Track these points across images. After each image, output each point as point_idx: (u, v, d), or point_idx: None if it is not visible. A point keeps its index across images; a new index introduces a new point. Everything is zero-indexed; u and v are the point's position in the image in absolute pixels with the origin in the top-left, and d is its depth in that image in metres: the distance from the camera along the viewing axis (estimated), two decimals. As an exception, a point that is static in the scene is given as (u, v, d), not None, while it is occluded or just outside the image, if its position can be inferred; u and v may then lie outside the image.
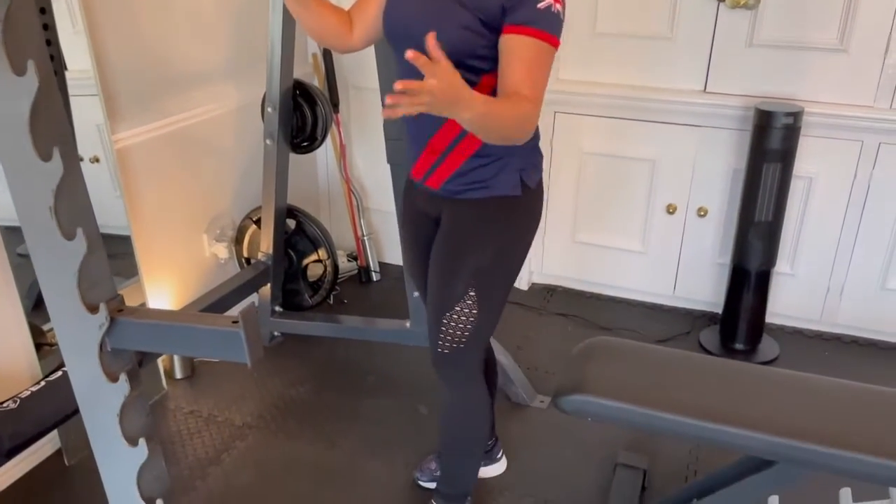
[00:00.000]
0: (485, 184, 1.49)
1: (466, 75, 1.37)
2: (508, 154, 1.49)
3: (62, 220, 1.12)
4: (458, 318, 1.55)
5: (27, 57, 1.03)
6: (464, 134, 1.45)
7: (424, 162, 1.54)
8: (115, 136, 2.13)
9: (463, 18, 1.33)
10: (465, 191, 1.51)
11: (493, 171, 1.49)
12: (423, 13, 1.39)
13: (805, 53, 2.42)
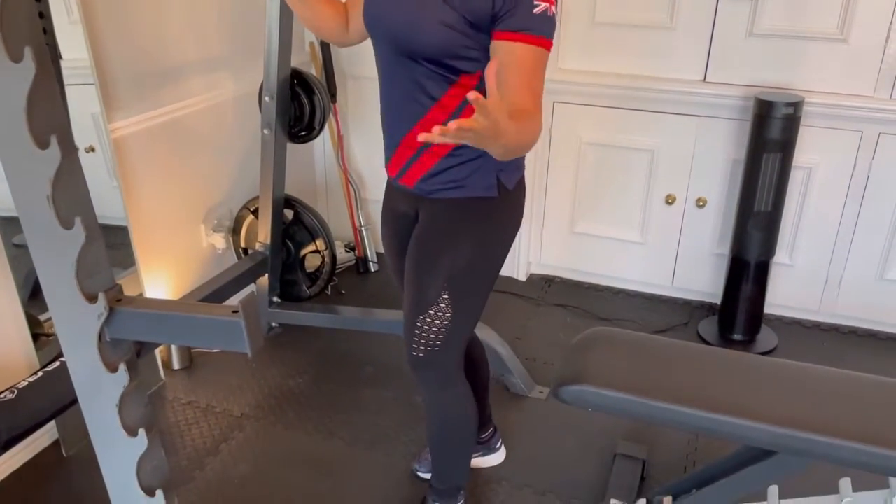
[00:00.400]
0: (459, 183, 1.46)
1: (444, 74, 1.36)
2: (485, 154, 1.41)
3: (60, 210, 1.10)
4: (431, 322, 1.52)
5: (24, 43, 1.02)
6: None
7: (399, 158, 1.51)
8: (112, 125, 2.11)
9: (446, 16, 1.29)
10: (439, 190, 1.47)
11: (468, 170, 1.45)
12: (402, 7, 1.35)
13: (805, 43, 2.41)
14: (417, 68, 1.37)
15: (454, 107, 1.39)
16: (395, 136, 1.48)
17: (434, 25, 1.30)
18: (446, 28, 1.29)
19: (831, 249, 2.59)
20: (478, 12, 1.28)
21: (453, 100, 1.38)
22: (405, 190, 1.53)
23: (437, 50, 1.32)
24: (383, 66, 1.47)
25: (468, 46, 1.31)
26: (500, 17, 1.26)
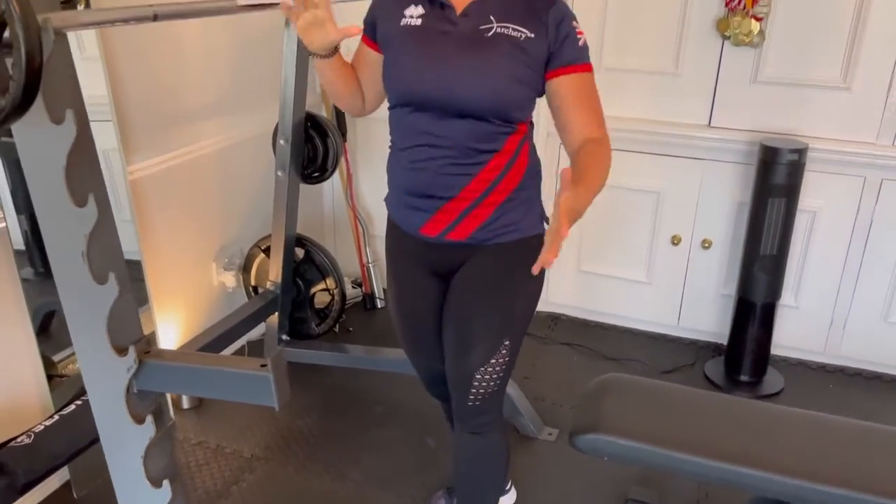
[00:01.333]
0: (516, 226, 1.49)
1: (505, 126, 1.40)
2: (532, 194, 1.51)
3: (94, 265, 1.13)
4: (492, 371, 1.51)
5: (66, 106, 1.05)
6: (495, 183, 1.44)
7: (444, 216, 1.47)
8: (130, 167, 2.14)
9: (517, 71, 1.34)
10: (497, 236, 1.48)
11: (521, 211, 1.49)
12: (463, 70, 1.35)
13: (809, 91, 2.46)
14: (479, 125, 1.38)
15: (512, 151, 1.44)
16: (442, 196, 1.45)
17: (510, 84, 1.35)
18: (520, 84, 1.36)
19: (836, 292, 2.62)
20: (539, 58, 1.35)
21: (511, 146, 1.43)
22: (451, 244, 1.50)
23: (510, 106, 1.37)
24: (422, 129, 1.43)
25: (530, 97, 1.39)
26: (554, 57, 1.35)
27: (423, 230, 1.51)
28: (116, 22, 1.12)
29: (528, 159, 1.49)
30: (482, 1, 1.37)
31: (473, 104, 1.37)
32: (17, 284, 1.87)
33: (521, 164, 1.48)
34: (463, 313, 1.53)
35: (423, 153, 1.44)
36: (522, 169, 1.48)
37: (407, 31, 1.42)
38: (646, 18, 2.60)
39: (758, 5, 2.37)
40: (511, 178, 1.46)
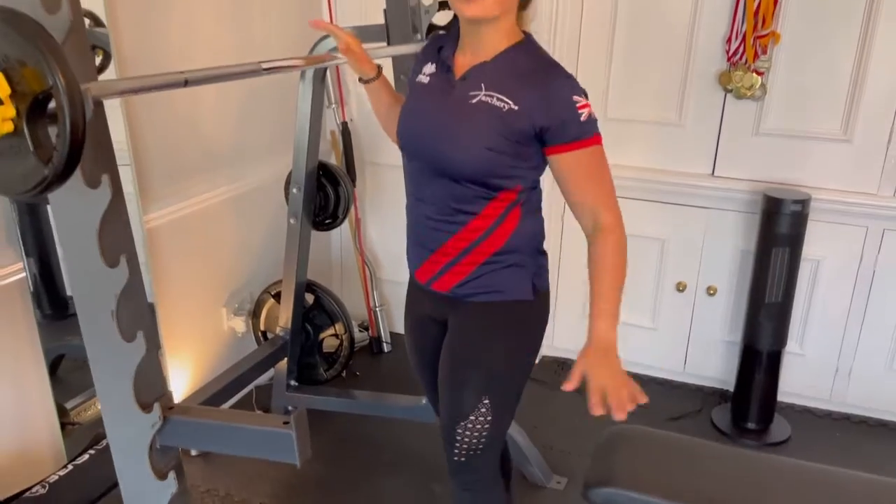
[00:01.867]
0: (498, 287, 1.49)
1: (484, 193, 1.41)
2: (520, 260, 1.49)
3: (123, 323, 1.16)
4: (472, 427, 1.53)
5: (102, 171, 1.09)
6: (475, 244, 1.46)
7: (432, 265, 1.52)
8: (147, 216, 2.18)
9: (492, 141, 1.35)
10: (477, 294, 1.50)
11: (507, 275, 1.48)
12: (443, 130, 1.40)
13: (810, 142, 2.52)
14: (456, 187, 1.41)
15: (495, 216, 1.44)
16: (428, 247, 1.51)
17: (480, 151, 1.36)
18: (493, 153, 1.36)
19: (840, 340, 2.64)
20: (522, 133, 1.35)
21: (494, 211, 1.43)
22: (437, 294, 1.54)
23: (482, 173, 1.38)
24: (415, 180, 1.51)
25: (512, 166, 1.39)
26: (554, 134, 1.34)
27: (417, 274, 1.58)
28: (150, 89, 1.16)
29: (516, 225, 1.47)
30: (480, 67, 1.40)
31: (451, 168, 1.40)
32: (34, 332, 1.90)
33: (507, 229, 1.46)
34: (445, 370, 1.57)
35: (417, 204, 1.53)
36: (507, 234, 1.46)
37: (418, 86, 1.51)
38: (649, 70, 2.67)
39: (759, 60, 2.44)
40: (493, 242, 1.46)
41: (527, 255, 1.50)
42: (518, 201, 1.45)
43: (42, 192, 0.97)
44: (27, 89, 0.93)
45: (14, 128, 0.94)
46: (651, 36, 2.63)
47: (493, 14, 1.33)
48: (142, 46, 2.11)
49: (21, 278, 1.83)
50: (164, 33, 2.20)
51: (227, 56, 2.44)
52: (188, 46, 2.28)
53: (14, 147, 0.95)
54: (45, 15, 1.00)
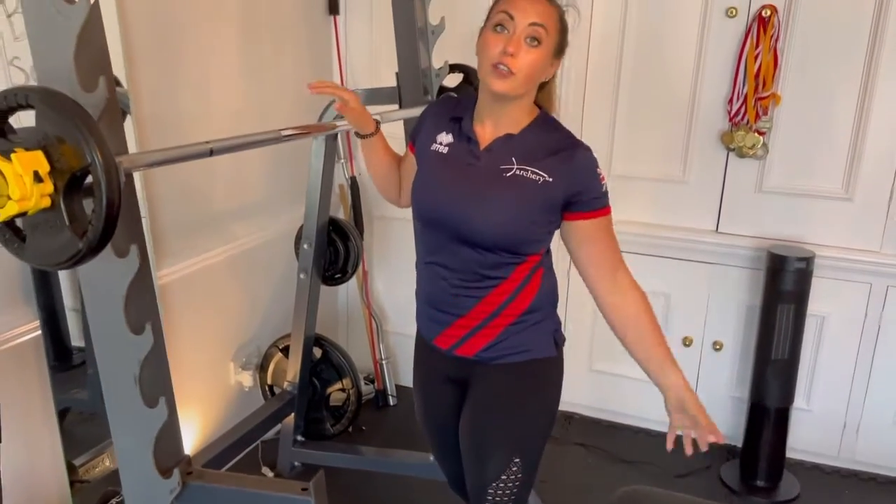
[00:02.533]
0: (525, 347, 1.52)
1: (512, 258, 1.45)
2: (543, 317, 1.54)
3: (145, 389, 1.17)
4: (504, 487, 1.54)
5: (131, 241, 1.12)
6: (502, 307, 1.49)
7: (454, 331, 1.53)
8: (160, 272, 2.21)
9: (529, 211, 1.41)
10: (503, 356, 1.52)
11: (531, 334, 1.52)
12: (471, 201, 1.43)
13: (813, 200, 2.56)
14: (484, 254, 1.44)
15: (521, 279, 1.48)
16: (452, 313, 1.51)
17: (518, 222, 1.41)
18: (530, 223, 1.42)
19: (847, 396, 2.64)
20: (555, 202, 1.41)
21: (520, 274, 1.47)
22: (460, 359, 1.55)
23: (517, 242, 1.43)
24: (434, 248, 1.52)
25: (543, 232, 1.45)
26: (577, 203, 1.41)
27: (436, 342, 1.58)
28: (178, 160, 1.20)
29: (539, 284, 1.52)
30: (506, 140, 1.44)
31: (484, 238, 1.43)
32: (47, 390, 1.91)
33: (532, 289, 1.51)
34: (473, 432, 1.58)
35: (436, 271, 1.53)
36: (532, 294, 1.51)
37: (434, 156, 1.53)
38: (653, 129, 2.73)
39: (760, 120, 2.50)
40: (520, 303, 1.50)
41: (548, 312, 1.56)
42: (542, 262, 1.51)
43: (75, 264, 0.99)
44: (66, 166, 0.96)
45: (51, 202, 0.97)
46: (654, 95, 2.70)
47: (519, 93, 1.39)
48: (159, 106, 2.17)
49: (36, 336, 1.84)
50: (181, 94, 2.25)
51: (241, 115, 2.50)
52: (204, 107, 2.34)
53: (50, 221, 0.98)
54: (83, 93, 1.05)
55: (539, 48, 1.38)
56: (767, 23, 2.42)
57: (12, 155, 0.92)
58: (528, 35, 1.36)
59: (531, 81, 1.40)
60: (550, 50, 1.40)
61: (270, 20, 2.62)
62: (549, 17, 1.39)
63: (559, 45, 1.43)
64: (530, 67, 1.37)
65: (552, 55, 1.42)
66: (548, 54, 1.40)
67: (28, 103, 0.96)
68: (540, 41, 1.37)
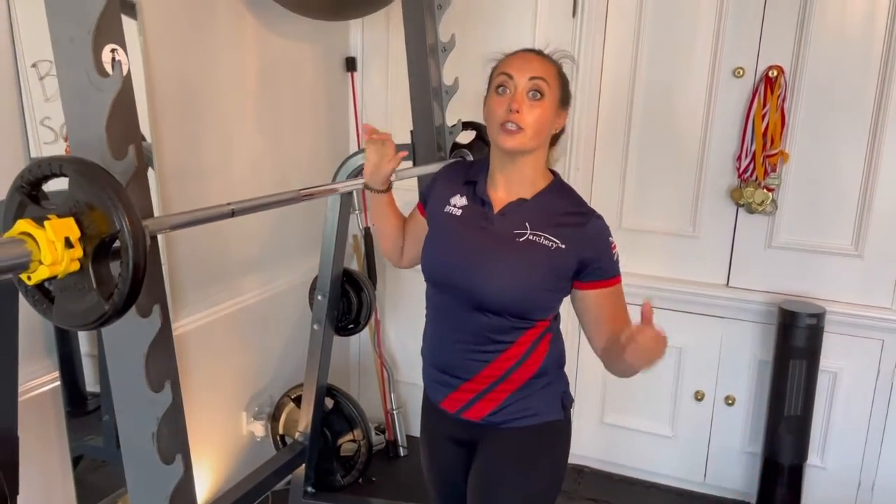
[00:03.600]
0: (533, 411, 1.52)
1: (521, 323, 1.46)
2: (550, 381, 1.54)
3: (162, 446, 1.20)
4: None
5: (154, 302, 1.16)
6: (510, 372, 1.49)
7: (459, 396, 1.54)
8: (176, 323, 2.24)
9: (541, 277, 1.42)
10: (512, 420, 1.51)
11: (539, 398, 1.52)
12: (484, 266, 1.44)
13: (822, 257, 2.57)
14: (494, 318, 1.45)
15: (529, 343, 1.48)
16: (459, 376, 1.51)
17: (530, 287, 1.42)
18: (542, 289, 1.43)
19: (862, 453, 2.62)
20: (568, 269, 1.43)
21: (529, 339, 1.48)
22: (468, 422, 1.55)
23: (527, 308, 1.44)
24: (444, 311, 1.54)
25: (553, 299, 1.47)
26: (590, 270, 1.43)
27: (443, 405, 1.58)
28: (201, 222, 1.25)
29: (547, 349, 1.53)
30: (519, 204, 1.47)
31: (494, 303, 1.44)
32: (64, 441, 1.93)
33: (540, 354, 1.51)
34: (482, 496, 1.56)
35: (445, 333, 1.54)
36: (540, 359, 1.52)
37: (448, 218, 1.55)
38: (663, 183, 2.77)
39: (769, 177, 2.54)
40: (527, 368, 1.50)
41: (555, 375, 1.56)
42: (550, 328, 1.52)
43: (101, 325, 1.03)
44: (95, 232, 1.00)
45: (80, 266, 1.01)
46: (664, 151, 2.74)
47: (529, 147, 1.42)
48: (181, 160, 2.23)
49: (55, 387, 1.88)
50: (203, 148, 2.32)
51: (260, 169, 2.57)
52: (224, 160, 2.41)
53: (78, 284, 1.02)
54: (113, 161, 1.10)
55: (542, 101, 1.41)
56: (774, 83, 2.48)
57: (46, 222, 0.96)
58: (529, 90, 1.41)
59: (540, 135, 1.43)
60: (555, 101, 1.44)
61: (290, 77, 2.71)
62: (548, 70, 1.43)
63: (563, 96, 1.46)
64: (537, 121, 1.41)
65: (557, 106, 1.45)
66: (552, 106, 1.43)
67: (62, 172, 1.01)
68: (542, 94, 1.41)
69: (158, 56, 2.09)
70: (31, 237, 0.96)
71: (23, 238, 0.96)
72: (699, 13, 2.59)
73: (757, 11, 2.50)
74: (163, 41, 2.10)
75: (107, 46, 1.10)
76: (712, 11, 2.56)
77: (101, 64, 1.09)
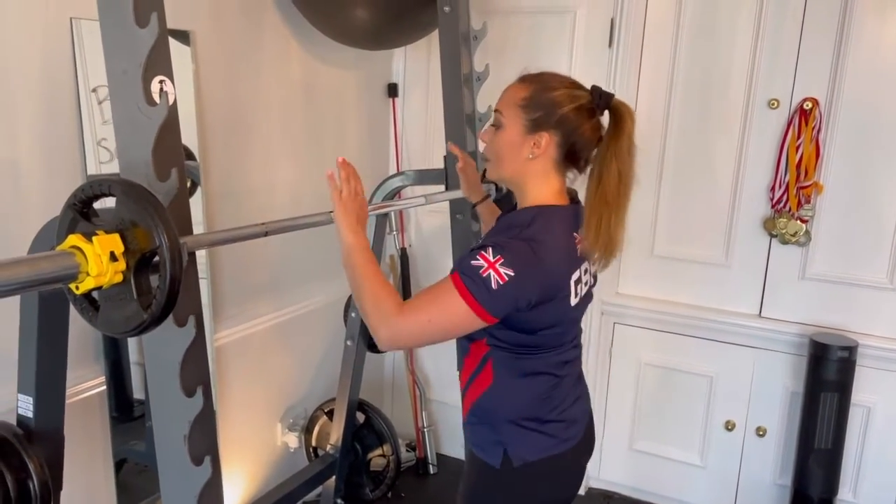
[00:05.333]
0: (474, 443, 1.52)
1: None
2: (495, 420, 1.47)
3: (192, 448, 1.28)
4: None
5: (189, 312, 1.25)
6: (465, 388, 1.50)
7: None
8: (217, 335, 2.35)
9: None
10: (467, 440, 1.55)
11: (479, 433, 1.50)
12: None
13: (857, 289, 2.55)
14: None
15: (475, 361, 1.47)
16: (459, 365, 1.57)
17: None
18: None
19: None
20: None
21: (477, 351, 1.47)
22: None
23: None
24: None
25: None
26: None
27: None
28: (236, 240, 1.34)
29: (491, 380, 1.46)
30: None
31: None
32: (107, 443, 2.04)
33: (483, 381, 1.47)
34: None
35: None
36: (483, 387, 1.47)
37: None
38: (696, 212, 2.79)
39: (802, 209, 2.54)
40: (474, 390, 1.49)
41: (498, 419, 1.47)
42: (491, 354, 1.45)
43: (140, 333, 1.12)
44: (137, 247, 1.10)
45: (123, 278, 1.11)
46: (698, 181, 2.76)
47: (500, 174, 1.49)
48: (227, 181, 2.35)
49: (101, 391, 1.99)
50: (247, 170, 2.44)
51: (302, 191, 2.68)
52: (268, 182, 2.53)
53: (121, 294, 1.12)
54: (158, 182, 1.20)
55: (501, 130, 1.46)
56: (809, 115, 2.49)
57: (94, 237, 1.06)
58: (492, 122, 1.49)
59: (503, 163, 1.46)
60: (517, 129, 1.42)
61: (333, 102, 2.82)
62: (507, 99, 1.46)
63: (529, 122, 1.42)
64: (495, 151, 1.47)
65: (523, 132, 1.42)
66: (513, 134, 1.43)
67: (110, 192, 1.11)
68: (498, 125, 1.46)
69: (208, 81, 2.22)
70: (80, 250, 1.05)
71: (72, 251, 1.06)
72: (735, 45, 2.62)
73: (792, 45, 2.52)
74: (213, 67, 2.23)
75: (156, 78, 1.20)
76: (748, 44, 2.59)
77: (149, 94, 1.19)
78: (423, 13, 2.31)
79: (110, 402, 2.09)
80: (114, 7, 1.17)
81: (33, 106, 1.76)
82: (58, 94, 1.80)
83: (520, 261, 1.31)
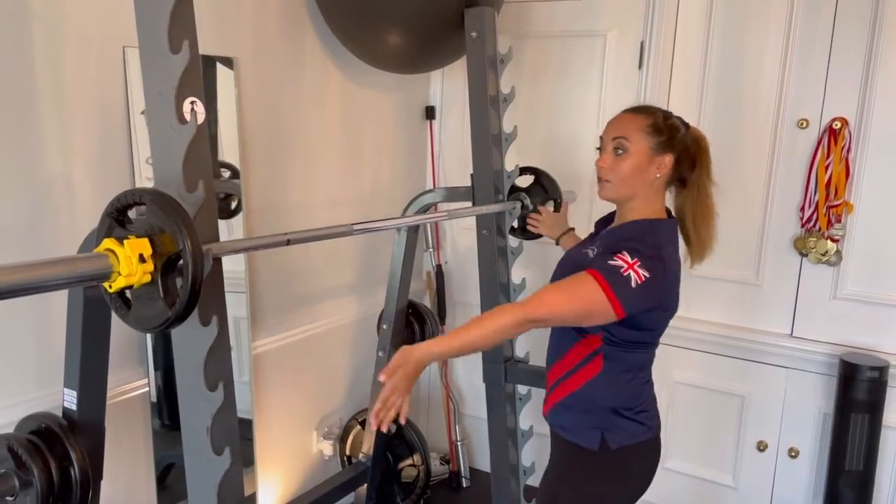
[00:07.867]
0: (566, 427, 1.68)
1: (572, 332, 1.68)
2: (596, 406, 1.66)
3: (214, 439, 1.39)
4: None
5: (213, 313, 1.36)
6: (563, 379, 1.67)
7: (549, 380, 1.75)
8: (255, 342, 2.48)
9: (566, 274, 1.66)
10: (555, 426, 1.71)
11: (574, 419, 1.67)
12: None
13: (890, 310, 2.52)
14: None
15: (582, 355, 1.65)
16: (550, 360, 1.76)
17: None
18: None
19: (934, 517, 2.51)
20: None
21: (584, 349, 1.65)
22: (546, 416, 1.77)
23: None
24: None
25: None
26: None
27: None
28: (258, 248, 1.45)
29: (597, 372, 1.65)
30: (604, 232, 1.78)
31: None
32: (149, 443, 2.17)
33: (589, 371, 1.65)
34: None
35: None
36: (588, 377, 1.66)
37: None
38: (727, 231, 2.72)
39: (833, 228, 2.52)
40: (576, 380, 1.66)
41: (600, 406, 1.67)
42: (604, 350, 1.64)
43: (165, 329, 1.24)
44: (164, 251, 1.22)
45: (151, 278, 1.23)
46: (728, 200, 2.73)
47: (620, 193, 1.66)
48: (267, 195, 2.49)
49: (144, 392, 2.13)
50: (287, 187, 2.58)
51: (340, 207, 2.80)
52: (307, 199, 2.66)
53: (149, 293, 1.23)
54: (186, 193, 1.32)
55: (625, 155, 1.62)
56: (838, 134, 2.49)
57: (125, 241, 1.19)
58: (614, 148, 1.64)
59: (626, 183, 1.64)
60: (643, 152, 1.62)
61: (371, 124, 2.95)
62: (633, 125, 1.64)
63: (656, 145, 1.63)
64: (620, 173, 1.63)
65: (649, 155, 1.63)
66: (640, 157, 1.62)
67: (141, 201, 1.23)
68: (624, 150, 1.62)
69: (251, 102, 2.37)
70: (113, 253, 1.18)
71: (107, 253, 1.18)
72: (763, 66, 2.64)
73: (821, 65, 2.53)
74: (255, 90, 2.38)
75: (187, 99, 1.32)
76: (777, 64, 2.61)
77: (181, 113, 1.31)
78: (452, 39, 2.41)
79: (161, 410, 2.22)
80: (151, 35, 1.31)
81: (89, 127, 1.92)
82: (111, 115, 1.97)
83: (654, 265, 1.52)
